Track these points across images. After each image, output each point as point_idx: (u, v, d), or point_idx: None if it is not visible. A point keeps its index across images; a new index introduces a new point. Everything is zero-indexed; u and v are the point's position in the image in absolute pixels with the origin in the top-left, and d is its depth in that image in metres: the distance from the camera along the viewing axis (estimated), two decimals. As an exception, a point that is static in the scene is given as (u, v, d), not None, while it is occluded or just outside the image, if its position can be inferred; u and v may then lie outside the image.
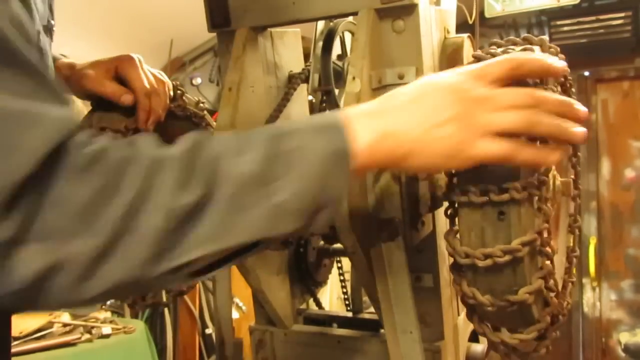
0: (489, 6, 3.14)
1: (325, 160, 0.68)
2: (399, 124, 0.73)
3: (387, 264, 0.95)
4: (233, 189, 0.64)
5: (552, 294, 0.87)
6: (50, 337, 2.36)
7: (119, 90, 1.17)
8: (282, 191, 0.65)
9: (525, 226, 0.82)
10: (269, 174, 0.65)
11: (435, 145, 0.73)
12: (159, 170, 0.62)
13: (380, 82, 1.06)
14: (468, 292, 0.87)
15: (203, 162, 0.64)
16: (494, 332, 0.90)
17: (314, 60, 1.29)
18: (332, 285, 2.50)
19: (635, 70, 3.83)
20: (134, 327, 2.63)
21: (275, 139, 0.68)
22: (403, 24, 1.05)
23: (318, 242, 1.37)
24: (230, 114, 1.11)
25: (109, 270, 0.60)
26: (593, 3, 3.72)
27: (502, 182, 0.80)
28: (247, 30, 1.15)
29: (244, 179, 0.64)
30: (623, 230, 3.90)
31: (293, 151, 0.67)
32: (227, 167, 0.64)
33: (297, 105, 1.30)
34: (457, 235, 0.87)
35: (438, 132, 0.73)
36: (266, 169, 0.65)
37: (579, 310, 3.91)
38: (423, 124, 0.73)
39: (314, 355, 1.25)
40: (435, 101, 0.74)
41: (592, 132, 3.89)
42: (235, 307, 3.18)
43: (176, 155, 0.64)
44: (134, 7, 3.08)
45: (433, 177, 0.99)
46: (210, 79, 3.90)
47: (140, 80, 1.18)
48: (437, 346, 1.10)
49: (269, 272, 1.22)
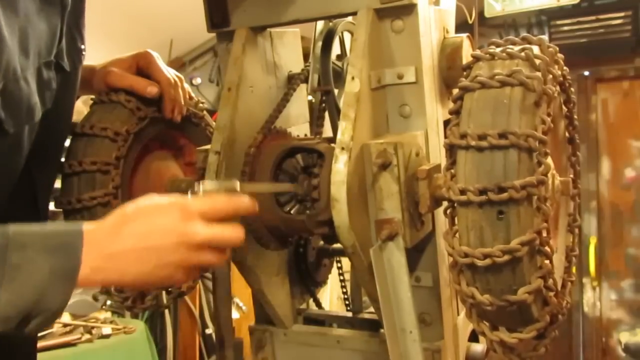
0: (488, 6, 3.14)
1: (50, 278, 0.78)
2: (122, 265, 0.83)
3: (387, 264, 0.95)
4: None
5: (552, 294, 0.87)
6: (51, 337, 2.36)
7: (144, 82, 1.20)
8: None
9: (524, 226, 0.82)
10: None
11: (157, 280, 0.86)
12: None
13: (379, 81, 1.06)
14: (467, 292, 0.87)
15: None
16: (493, 332, 0.90)
17: (314, 60, 1.29)
18: (332, 285, 2.50)
19: (635, 70, 3.83)
20: (134, 327, 2.63)
21: (5, 250, 0.77)
22: (402, 24, 1.05)
23: (318, 242, 1.37)
24: (229, 114, 1.11)
25: None
26: (593, 3, 3.72)
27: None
28: (246, 30, 1.16)
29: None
30: (623, 230, 3.90)
31: (18, 266, 0.77)
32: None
33: (296, 105, 1.30)
34: (457, 234, 0.87)
35: (158, 272, 0.85)
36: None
37: (579, 310, 3.91)
38: (148, 269, 0.84)
39: (314, 355, 1.25)
40: (161, 246, 0.85)
41: (592, 132, 3.88)
42: (235, 307, 3.18)
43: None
44: (134, 7, 3.08)
45: (433, 176, 0.99)
46: (210, 79, 3.89)
47: (163, 73, 1.22)
48: (437, 346, 1.10)
49: (269, 272, 1.22)
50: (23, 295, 0.78)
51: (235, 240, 0.89)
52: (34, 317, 0.79)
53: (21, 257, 0.78)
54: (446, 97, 1.15)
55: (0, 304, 0.76)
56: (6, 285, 0.76)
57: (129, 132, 1.17)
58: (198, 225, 0.86)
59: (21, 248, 0.78)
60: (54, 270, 0.79)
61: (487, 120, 0.85)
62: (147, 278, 0.85)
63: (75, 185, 1.14)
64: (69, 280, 0.80)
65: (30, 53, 0.93)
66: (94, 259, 0.81)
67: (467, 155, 0.85)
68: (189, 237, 0.85)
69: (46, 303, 0.79)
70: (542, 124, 0.85)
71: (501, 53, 0.90)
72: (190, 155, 1.34)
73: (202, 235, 0.86)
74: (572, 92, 1.05)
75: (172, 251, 0.85)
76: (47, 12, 0.96)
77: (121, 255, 0.83)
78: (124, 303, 1.17)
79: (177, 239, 0.85)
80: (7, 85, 0.87)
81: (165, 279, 0.87)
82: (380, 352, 1.12)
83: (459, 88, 0.90)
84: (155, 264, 0.84)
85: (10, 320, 0.78)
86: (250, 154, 1.10)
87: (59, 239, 0.81)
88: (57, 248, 0.80)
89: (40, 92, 0.96)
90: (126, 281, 0.86)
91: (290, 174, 1.10)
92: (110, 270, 0.83)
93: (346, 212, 0.94)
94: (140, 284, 0.87)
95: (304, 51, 1.35)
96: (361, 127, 0.99)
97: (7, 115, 0.88)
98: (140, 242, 0.84)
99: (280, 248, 1.17)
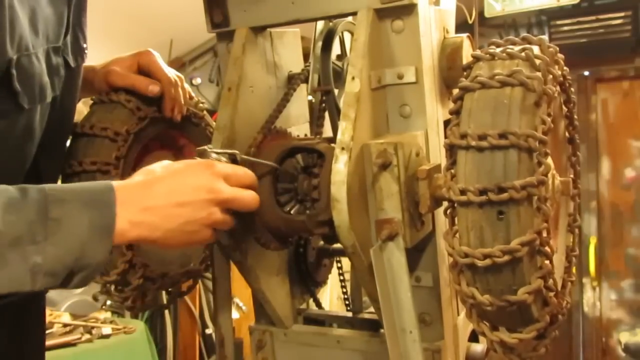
0: (488, 6, 3.14)
1: (90, 232, 0.80)
2: (156, 220, 0.87)
3: (387, 264, 0.95)
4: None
5: (552, 294, 0.87)
6: (51, 337, 2.36)
7: (145, 81, 1.21)
8: (39, 254, 0.77)
9: (524, 226, 0.82)
10: (31, 237, 0.76)
11: (182, 237, 0.90)
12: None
13: (379, 82, 1.06)
14: (467, 292, 0.87)
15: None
16: (493, 332, 0.90)
17: (314, 60, 1.29)
18: (332, 285, 2.50)
19: (635, 70, 3.83)
20: (134, 327, 2.64)
21: (45, 204, 0.78)
22: (402, 24, 1.05)
23: (318, 242, 1.37)
24: (229, 114, 1.11)
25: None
26: (593, 3, 3.72)
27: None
28: (246, 30, 1.16)
29: (7, 238, 0.75)
30: (623, 230, 3.90)
31: (59, 219, 0.78)
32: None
33: (296, 105, 1.30)
34: (457, 235, 0.87)
35: (186, 228, 0.89)
36: (28, 232, 0.76)
37: (579, 310, 3.91)
38: (176, 225, 0.88)
39: (314, 355, 1.25)
40: (192, 202, 0.89)
41: (592, 132, 3.89)
42: (235, 307, 3.18)
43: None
44: (134, 7, 3.08)
45: (433, 176, 0.99)
46: (210, 79, 3.90)
47: (164, 72, 1.22)
48: (437, 346, 1.10)
49: (269, 272, 1.22)
50: (67, 249, 0.79)
51: (253, 203, 0.96)
52: (76, 272, 0.80)
53: (61, 212, 0.79)
54: (446, 97, 1.15)
55: (47, 259, 0.77)
56: (51, 238, 0.77)
57: (129, 132, 1.17)
58: (223, 183, 0.92)
59: (60, 203, 0.79)
60: (93, 225, 0.80)
61: (487, 121, 0.85)
62: (174, 235, 0.89)
63: (75, 185, 1.15)
64: (107, 234, 0.82)
65: (40, 33, 0.95)
66: (128, 213, 0.84)
67: (467, 155, 0.85)
68: (216, 193, 0.90)
69: (88, 258, 0.80)
70: (542, 124, 0.85)
71: (501, 53, 0.90)
72: (190, 155, 1.34)
73: (228, 193, 0.92)
74: (572, 92, 1.05)
75: (200, 207, 0.89)
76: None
77: (153, 210, 0.86)
78: (124, 303, 1.17)
79: (206, 195, 0.90)
80: (21, 60, 0.90)
81: (190, 236, 0.91)
82: (380, 352, 1.12)
83: (459, 88, 0.90)
84: (186, 220, 0.88)
85: (57, 275, 0.79)
86: (250, 154, 1.10)
87: (93, 195, 0.83)
88: (93, 203, 0.82)
89: (50, 75, 0.99)
90: (155, 237, 0.87)
91: (290, 174, 1.10)
92: (143, 225, 0.86)
93: (346, 212, 0.94)
94: (167, 240, 0.89)
95: (304, 51, 1.35)
96: (361, 127, 0.99)
97: (22, 90, 0.91)
98: (171, 197, 0.88)
99: (280, 248, 1.17)
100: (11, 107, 0.92)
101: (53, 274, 0.78)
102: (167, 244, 0.89)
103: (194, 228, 0.90)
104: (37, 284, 0.78)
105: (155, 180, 0.89)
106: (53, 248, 0.77)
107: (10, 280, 0.76)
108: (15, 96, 0.91)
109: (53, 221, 0.78)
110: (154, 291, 1.21)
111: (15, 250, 0.76)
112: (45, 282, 0.78)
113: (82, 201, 0.81)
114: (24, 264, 0.76)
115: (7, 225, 0.75)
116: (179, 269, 1.25)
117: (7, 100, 0.91)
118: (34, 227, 0.77)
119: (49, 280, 0.78)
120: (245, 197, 0.95)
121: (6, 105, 0.91)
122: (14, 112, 0.93)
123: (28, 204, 0.78)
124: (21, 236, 0.76)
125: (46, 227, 0.77)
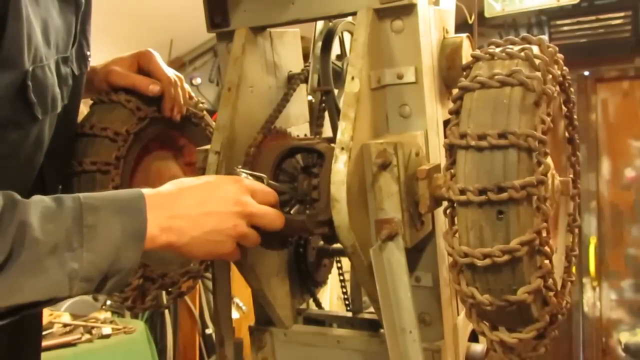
0: (488, 6, 3.14)
1: (123, 238, 0.82)
2: (184, 226, 0.89)
3: (386, 264, 0.95)
4: (35, 255, 0.76)
5: (551, 294, 0.87)
6: (51, 337, 2.36)
7: (146, 81, 1.21)
8: (76, 260, 0.79)
9: (524, 225, 0.82)
10: (68, 244, 0.78)
11: (207, 247, 0.92)
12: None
13: (379, 82, 1.06)
14: (467, 292, 0.87)
15: (14, 224, 0.75)
16: (493, 332, 0.90)
17: (313, 60, 1.29)
18: (332, 285, 2.50)
19: (635, 70, 3.84)
20: (134, 327, 2.64)
21: (80, 212, 0.81)
22: (402, 24, 1.05)
23: (318, 242, 1.37)
24: (229, 114, 1.11)
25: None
26: (593, 3, 3.72)
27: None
28: (246, 30, 1.16)
29: (46, 247, 0.77)
30: (623, 230, 3.90)
31: (94, 226, 0.80)
32: (32, 232, 0.76)
33: (296, 105, 1.30)
34: (456, 234, 0.87)
35: (211, 237, 0.91)
36: (65, 240, 0.78)
37: (579, 310, 3.91)
38: (202, 233, 0.90)
39: (314, 355, 1.25)
40: (219, 212, 0.92)
41: (592, 132, 3.89)
42: (235, 307, 3.18)
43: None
44: (134, 7, 3.08)
45: (432, 176, 0.99)
46: (210, 79, 3.90)
47: (164, 72, 1.23)
48: (437, 346, 1.10)
49: (269, 272, 1.22)
50: (102, 255, 0.81)
51: (279, 221, 0.98)
52: (110, 277, 0.82)
53: (96, 218, 0.81)
54: (446, 97, 1.15)
55: (83, 264, 0.79)
56: (87, 245, 0.80)
57: (129, 132, 1.17)
58: (250, 198, 0.95)
59: (94, 210, 0.82)
60: (126, 230, 0.83)
61: (486, 120, 0.85)
62: (200, 242, 0.91)
63: (75, 185, 1.14)
64: (139, 239, 0.84)
65: (51, 44, 0.97)
66: (158, 219, 0.86)
67: (466, 155, 0.85)
68: (242, 206, 0.93)
69: (121, 263, 0.82)
70: (541, 124, 0.85)
71: (501, 53, 0.90)
72: (190, 155, 1.34)
73: (254, 207, 0.95)
74: (572, 92, 1.05)
75: (226, 218, 0.92)
76: (64, 8, 1.01)
77: (182, 218, 0.89)
78: (124, 303, 1.18)
79: (233, 207, 0.92)
80: (35, 71, 0.92)
81: (215, 246, 0.93)
82: (380, 352, 1.12)
83: (459, 88, 0.90)
84: (211, 229, 0.91)
85: (92, 280, 0.81)
86: (250, 154, 1.10)
87: (124, 202, 0.85)
88: (125, 210, 0.84)
89: (60, 85, 1.00)
90: (182, 243, 0.89)
91: (290, 174, 1.10)
92: (172, 231, 0.88)
93: (346, 212, 0.94)
94: (192, 247, 0.91)
95: (304, 51, 1.35)
96: (361, 127, 0.99)
97: (37, 101, 0.93)
98: (199, 207, 0.91)
99: (280, 248, 1.17)
100: (26, 118, 0.94)
101: (89, 279, 0.80)
102: (193, 251, 0.91)
103: (219, 238, 0.92)
104: (74, 289, 0.80)
105: (184, 190, 0.92)
106: (89, 254, 0.80)
107: (49, 287, 0.78)
108: (30, 107, 0.93)
109: (88, 228, 0.80)
110: (154, 291, 1.21)
111: (53, 258, 0.78)
112: (81, 288, 0.80)
113: (115, 208, 0.83)
114: (62, 271, 0.78)
115: (45, 233, 0.77)
116: (179, 269, 1.25)
117: (22, 111, 0.92)
118: (71, 234, 0.79)
119: (84, 285, 0.80)
120: (271, 214, 0.97)
121: (22, 116, 0.93)
122: (28, 123, 0.95)
123: (64, 212, 0.80)
124: (59, 244, 0.78)
125: (82, 234, 0.80)
